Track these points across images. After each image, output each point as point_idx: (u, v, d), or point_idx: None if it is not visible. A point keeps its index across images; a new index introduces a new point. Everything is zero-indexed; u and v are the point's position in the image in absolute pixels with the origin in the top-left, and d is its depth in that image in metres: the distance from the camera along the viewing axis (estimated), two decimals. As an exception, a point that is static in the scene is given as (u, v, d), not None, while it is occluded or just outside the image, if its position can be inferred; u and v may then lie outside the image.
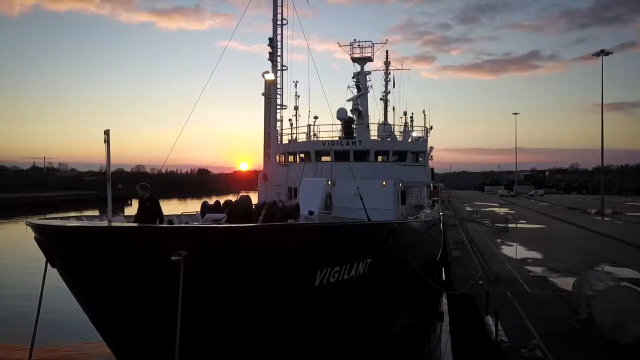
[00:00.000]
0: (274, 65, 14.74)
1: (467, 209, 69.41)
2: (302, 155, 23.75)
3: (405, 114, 26.56)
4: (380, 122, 29.87)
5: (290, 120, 25.76)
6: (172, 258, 7.11)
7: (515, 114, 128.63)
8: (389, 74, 38.91)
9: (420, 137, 24.69)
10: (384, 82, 38.91)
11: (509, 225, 42.44)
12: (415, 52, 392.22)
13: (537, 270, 23.94)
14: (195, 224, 10.93)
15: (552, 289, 20.06)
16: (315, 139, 25.08)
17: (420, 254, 18.26)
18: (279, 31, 14.98)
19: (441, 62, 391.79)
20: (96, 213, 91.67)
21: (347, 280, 10.85)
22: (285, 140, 25.75)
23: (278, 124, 26.13)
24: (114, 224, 8.11)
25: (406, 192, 23.64)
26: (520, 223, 48.71)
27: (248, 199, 12.45)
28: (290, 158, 25.60)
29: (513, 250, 30.25)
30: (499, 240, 34.50)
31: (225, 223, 11.15)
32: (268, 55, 14.77)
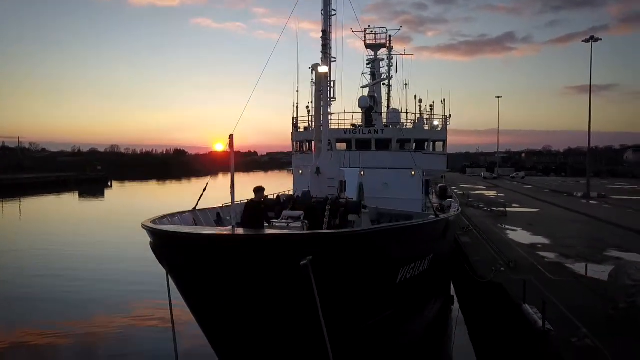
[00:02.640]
0: (325, 57, 14.53)
1: (456, 192, 70.44)
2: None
3: (420, 101, 26.59)
4: (389, 109, 29.78)
5: (307, 107, 25.54)
6: (301, 263, 7.16)
7: (498, 97, 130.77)
8: (392, 58, 38.78)
9: (438, 125, 24.84)
10: (387, 67, 38.80)
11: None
12: (391, 33, 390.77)
13: (551, 256, 24.57)
14: (291, 224, 10.94)
15: (573, 276, 20.63)
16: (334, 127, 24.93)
17: (451, 245, 18.58)
18: (329, 22, 14.76)
19: (417, 42, 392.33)
20: (76, 196, 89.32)
21: (417, 275, 11.04)
22: (302, 127, 25.55)
23: (293, 110, 26.05)
24: (247, 232, 8.06)
25: (429, 182, 23.85)
26: (514, 207, 49.74)
27: (309, 194, 12.43)
28: (306, 146, 25.39)
29: (519, 236, 30.92)
30: (501, 225, 35.22)
31: (301, 220, 11.20)
32: (321, 47, 14.58)
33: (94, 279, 25.92)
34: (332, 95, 14.97)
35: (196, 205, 12.69)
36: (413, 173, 21.33)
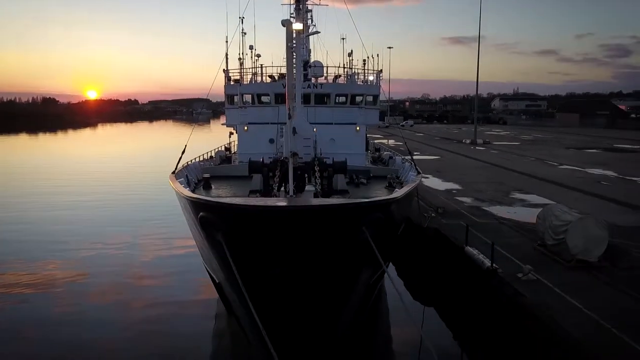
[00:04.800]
0: (298, 13, 13.93)
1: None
2: (258, 97, 23.03)
3: (349, 54, 26.78)
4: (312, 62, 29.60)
5: (240, 59, 24.47)
6: (363, 228, 7.40)
7: (390, 47, 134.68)
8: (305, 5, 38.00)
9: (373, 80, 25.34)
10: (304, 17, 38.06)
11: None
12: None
13: (468, 200, 27.10)
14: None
15: (494, 217, 23.11)
16: (265, 80, 24.32)
17: None
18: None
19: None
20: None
21: None
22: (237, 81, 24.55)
23: (224, 62, 24.90)
24: (312, 202, 7.95)
25: (367, 137, 24.61)
26: (416, 155, 53.07)
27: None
28: (234, 100, 24.56)
29: (433, 183, 33.35)
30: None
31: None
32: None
33: None
34: (305, 54, 14.70)
35: (175, 168, 12.08)
36: (358, 129, 21.93)
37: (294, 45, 12.89)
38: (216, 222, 8.10)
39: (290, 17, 26.12)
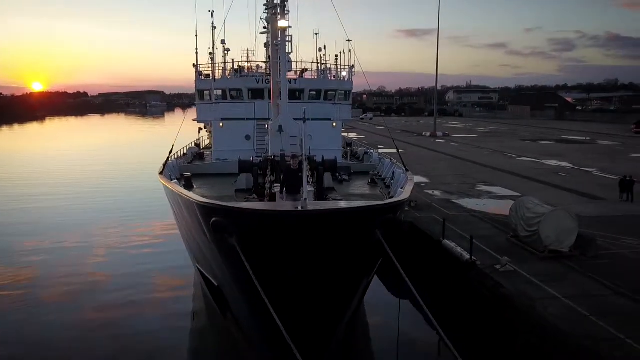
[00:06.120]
0: (283, 11, 13.73)
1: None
2: (232, 92, 22.71)
3: (320, 50, 26.73)
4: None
5: (210, 54, 24.00)
6: (376, 230, 7.50)
7: (349, 40, 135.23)
8: None
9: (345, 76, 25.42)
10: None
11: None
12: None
13: (437, 193, 27.77)
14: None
15: (464, 210, 23.81)
16: (235, 75, 23.96)
17: None
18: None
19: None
20: None
21: None
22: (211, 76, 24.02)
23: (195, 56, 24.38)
24: (329, 205, 7.93)
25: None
26: (380, 148, 53.82)
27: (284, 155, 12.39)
28: (206, 96, 24.12)
29: (400, 176, 33.92)
30: (380, 167, 38.21)
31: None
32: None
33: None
34: (290, 50, 14.55)
35: (163, 168, 11.79)
36: (334, 124, 21.99)
37: (279, 42, 12.79)
38: (230, 227, 8.05)
39: (264, 11, 25.91)
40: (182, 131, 18.49)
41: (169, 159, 16.69)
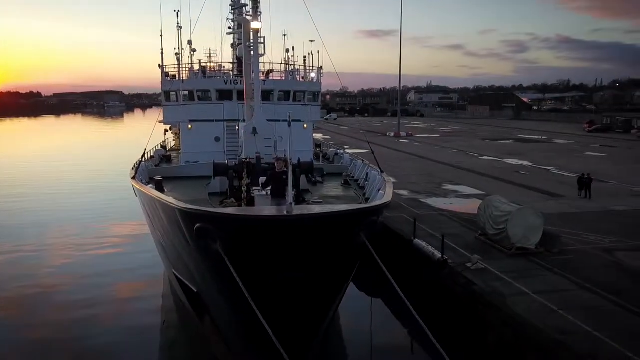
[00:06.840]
0: (255, 12, 13.52)
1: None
2: (199, 93, 22.32)
3: (287, 51, 26.60)
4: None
5: (177, 55, 23.51)
6: (360, 233, 7.52)
7: (312, 41, 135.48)
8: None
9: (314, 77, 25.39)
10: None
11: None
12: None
13: (405, 193, 28.15)
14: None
15: (432, 209, 24.24)
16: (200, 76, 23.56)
17: None
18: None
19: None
20: None
21: None
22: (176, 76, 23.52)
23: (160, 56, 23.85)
24: (315, 210, 7.85)
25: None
26: (347, 149, 54.12)
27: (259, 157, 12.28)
28: (172, 97, 23.64)
29: (368, 176, 34.24)
30: (347, 167, 38.43)
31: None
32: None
33: None
34: (263, 52, 14.36)
35: (135, 173, 11.48)
36: (306, 126, 21.94)
37: (252, 44, 12.68)
38: (214, 232, 7.92)
39: (230, 12, 25.61)
40: (143, 131, 18.06)
41: (141, 162, 16.26)
